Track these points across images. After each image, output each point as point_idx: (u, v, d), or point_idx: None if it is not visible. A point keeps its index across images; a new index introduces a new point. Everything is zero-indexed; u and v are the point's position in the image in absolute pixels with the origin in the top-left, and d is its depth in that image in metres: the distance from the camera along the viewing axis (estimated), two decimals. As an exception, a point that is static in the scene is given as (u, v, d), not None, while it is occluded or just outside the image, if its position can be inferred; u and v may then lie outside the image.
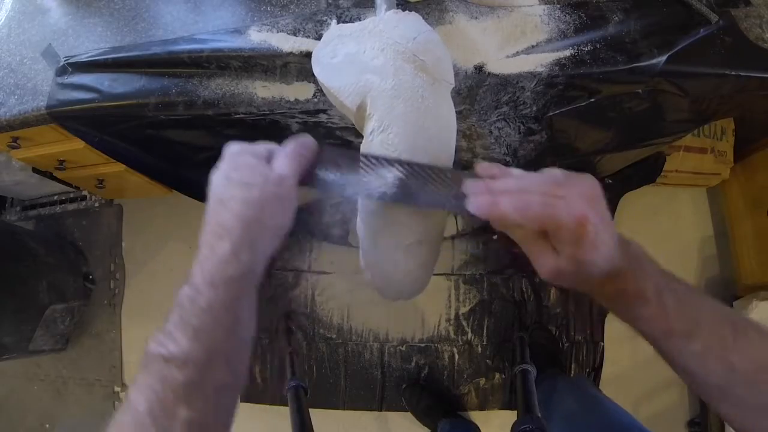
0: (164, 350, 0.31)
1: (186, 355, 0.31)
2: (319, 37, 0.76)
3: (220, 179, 0.37)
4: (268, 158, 0.39)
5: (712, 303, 0.36)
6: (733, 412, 0.35)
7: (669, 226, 1.44)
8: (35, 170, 1.14)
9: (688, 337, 0.34)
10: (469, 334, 1.37)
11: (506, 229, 0.37)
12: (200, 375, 0.31)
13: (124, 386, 1.43)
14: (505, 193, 0.36)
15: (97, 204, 1.52)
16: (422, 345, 1.37)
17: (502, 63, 0.78)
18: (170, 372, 0.30)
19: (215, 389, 0.32)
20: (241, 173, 0.37)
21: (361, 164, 0.42)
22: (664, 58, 0.77)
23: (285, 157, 0.39)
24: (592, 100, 0.83)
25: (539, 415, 0.83)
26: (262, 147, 0.40)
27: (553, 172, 0.37)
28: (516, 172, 0.38)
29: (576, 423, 0.83)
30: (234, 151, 0.39)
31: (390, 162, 0.42)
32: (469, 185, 0.38)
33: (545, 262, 0.36)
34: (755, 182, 1.30)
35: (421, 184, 0.41)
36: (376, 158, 0.42)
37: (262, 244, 0.36)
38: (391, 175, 0.42)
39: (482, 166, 0.40)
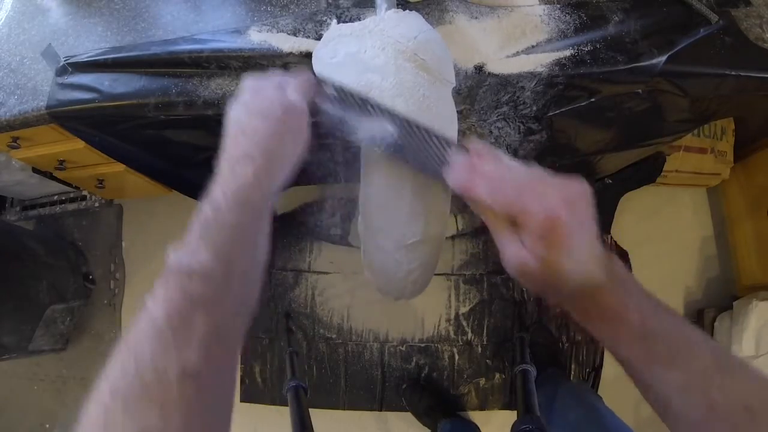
0: (186, 264, 0.31)
1: (208, 269, 0.31)
2: (319, 37, 0.76)
3: (240, 110, 0.40)
4: (282, 87, 0.42)
5: (698, 333, 0.33)
6: None
7: (669, 226, 1.44)
8: (35, 170, 1.14)
9: (669, 365, 0.32)
10: (469, 334, 1.37)
11: (479, 212, 0.37)
12: (220, 289, 0.31)
13: (124, 386, 1.43)
14: (485, 175, 0.35)
15: (97, 204, 1.52)
16: (422, 345, 1.37)
17: (502, 63, 0.77)
18: (191, 285, 0.30)
19: (233, 304, 0.33)
20: (261, 104, 0.39)
21: (368, 108, 0.44)
22: (664, 58, 0.77)
23: (296, 90, 0.42)
24: (592, 100, 0.83)
25: (539, 415, 0.83)
26: (277, 78, 0.43)
27: (543, 171, 0.35)
28: (505, 159, 0.37)
29: None
30: (252, 84, 0.41)
31: (392, 113, 0.44)
32: (455, 157, 0.39)
33: (509, 251, 0.34)
34: (755, 182, 1.30)
35: (417, 143, 0.43)
36: (380, 106, 0.44)
37: (279, 171, 0.39)
38: (394, 127, 0.43)
39: (474, 143, 0.40)
